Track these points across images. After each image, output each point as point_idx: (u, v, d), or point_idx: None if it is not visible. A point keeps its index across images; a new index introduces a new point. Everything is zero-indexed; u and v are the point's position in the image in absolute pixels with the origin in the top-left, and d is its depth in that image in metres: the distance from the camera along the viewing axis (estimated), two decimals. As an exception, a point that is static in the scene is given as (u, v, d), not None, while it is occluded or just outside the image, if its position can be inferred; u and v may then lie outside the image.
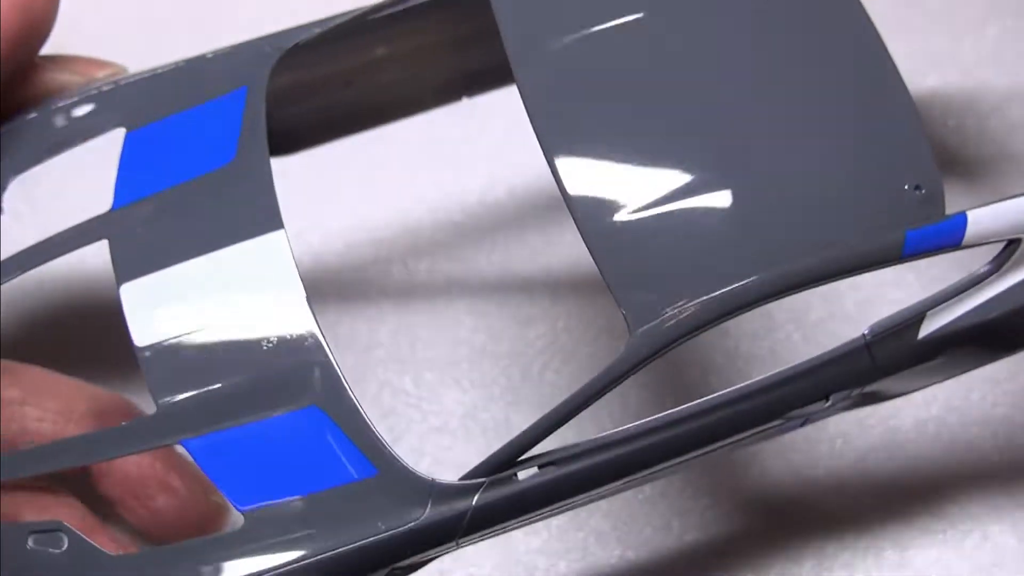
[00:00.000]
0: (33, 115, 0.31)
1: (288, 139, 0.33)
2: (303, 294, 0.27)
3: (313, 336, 0.26)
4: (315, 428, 0.26)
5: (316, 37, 0.31)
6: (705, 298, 0.26)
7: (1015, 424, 0.37)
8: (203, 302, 0.27)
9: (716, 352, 0.38)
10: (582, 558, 0.36)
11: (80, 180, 0.42)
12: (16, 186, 0.42)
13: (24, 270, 0.29)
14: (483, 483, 0.26)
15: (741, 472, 0.37)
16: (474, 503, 0.26)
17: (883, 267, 0.27)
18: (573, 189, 0.27)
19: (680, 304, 0.26)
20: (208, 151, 0.29)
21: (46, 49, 0.33)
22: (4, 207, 0.42)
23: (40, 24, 0.31)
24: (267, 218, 0.27)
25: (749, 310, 0.26)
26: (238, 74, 0.30)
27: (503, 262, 0.40)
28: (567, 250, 0.40)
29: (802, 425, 0.29)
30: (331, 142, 0.36)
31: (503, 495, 0.26)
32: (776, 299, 0.26)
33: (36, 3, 0.31)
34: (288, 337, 0.26)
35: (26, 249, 0.29)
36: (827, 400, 0.28)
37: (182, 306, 0.27)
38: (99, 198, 0.41)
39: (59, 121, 0.31)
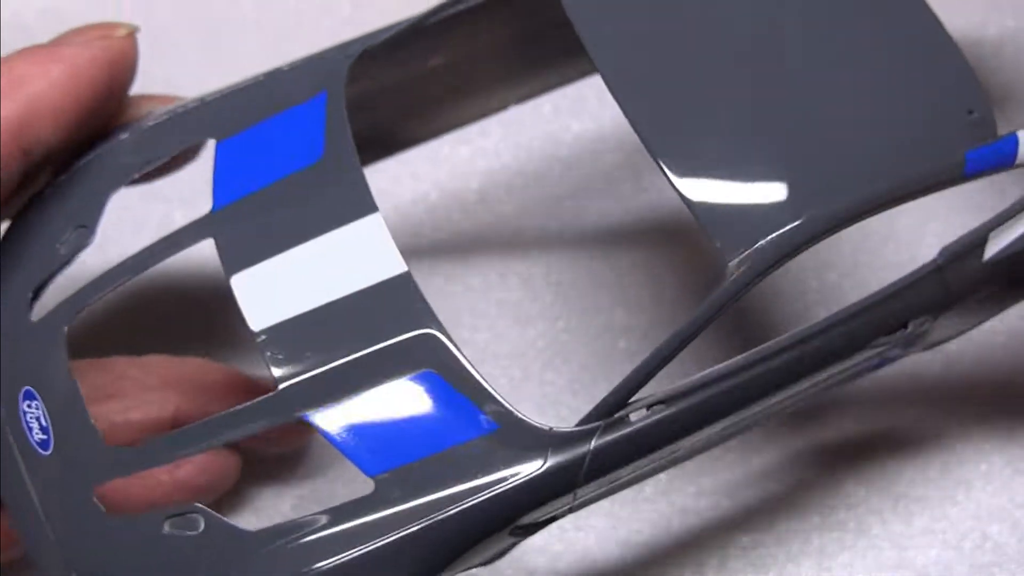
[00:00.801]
0: (125, 136, 0.32)
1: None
2: (405, 267, 0.28)
3: (421, 303, 0.28)
4: (432, 390, 0.27)
5: (380, 44, 0.32)
6: (792, 225, 0.28)
7: (1015, 424, 0.37)
8: (312, 284, 0.28)
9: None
10: (582, 558, 0.36)
11: (80, 180, 0.42)
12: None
13: (136, 273, 0.30)
14: (599, 427, 0.27)
15: (741, 472, 0.37)
16: (591, 447, 0.27)
17: (949, 186, 0.29)
18: (658, 144, 0.28)
19: (771, 232, 0.28)
20: (297, 151, 0.30)
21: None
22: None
23: (125, 74, 0.32)
24: (362, 203, 0.29)
25: (833, 233, 0.28)
26: (316, 81, 0.31)
27: (502, 262, 0.40)
28: (567, 250, 0.40)
29: (877, 367, 0.31)
30: (386, 158, 0.38)
31: (618, 437, 0.27)
32: (857, 221, 0.28)
33: (120, 57, 0.32)
34: (396, 308, 0.28)
35: (135, 254, 0.30)
36: (907, 327, 0.29)
37: (292, 290, 0.28)
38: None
39: (151, 137, 0.32)
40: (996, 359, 0.38)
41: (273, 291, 0.28)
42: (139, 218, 0.41)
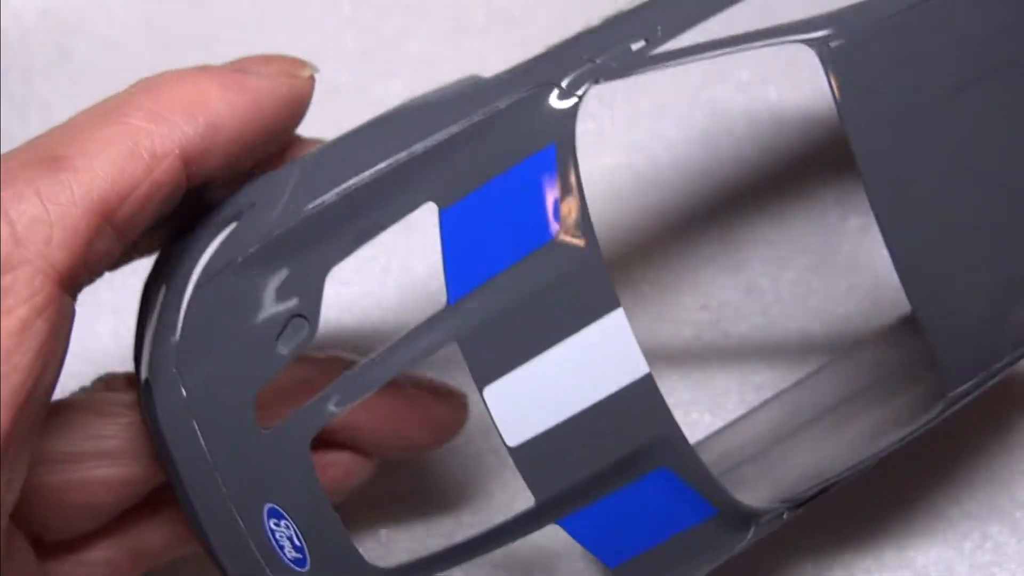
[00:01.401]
0: (332, 197, 0.27)
1: None
2: (647, 368, 0.26)
3: (661, 405, 0.27)
4: (666, 485, 0.27)
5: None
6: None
7: (1016, 424, 0.37)
8: (560, 393, 0.27)
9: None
10: (582, 558, 0.36)
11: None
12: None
13: (378, 385, 0.27)
14: (792, 504, 0.29)
15: (741, 472, 0.37)
16: (784, 518, 0.29)
17: None
18: (905, 261, 0.27)
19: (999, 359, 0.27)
20: (529, 224, 0.27)
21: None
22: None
23: (300, 117, 0.30)
24: (605, 297, 0.26)
25: None
26: (542, 128, 0.27)
27: (503, 262, 0.40)
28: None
29: None
30: None
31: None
32: None
33: (300, 98, 0.29)
34: (640, 412, 0.27)
35: (370, 363, 0.27)
36: None
37: (542, 401, 0.27)
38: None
39: (366, 197, 0.27)
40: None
41: (524, 403, 0.27)
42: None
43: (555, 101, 0.27)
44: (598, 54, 0.27)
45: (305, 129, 0.42)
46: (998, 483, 0.36)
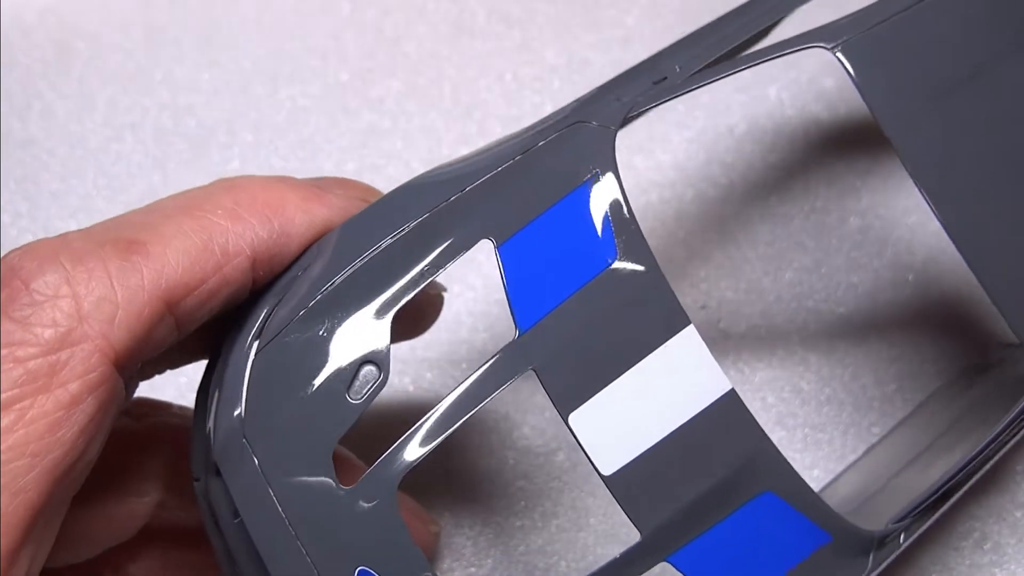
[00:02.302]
0: (389, 241, 0.27)
1: None
2: (729, 385, 0.26)
3: (752, 423, 0.26)
4: (773, 512, 0.26)
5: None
6: None
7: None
8: (646, 416, 0.26)
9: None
10: (582, 558, 0.36)
11: (80, 180, 0.42)
12: (16, 186, 0.42)
13: (458, 422, 0.26)
14: (909, 523, 0.29)
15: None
16: (901, 543, 0.29)
17: None
18: (960, 232, 0.27)
19: None
20: (587, 251, 0.27)
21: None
22: (4, 208, 0.42)
23: None
24: (675, 315, 0.26)
25: None
26: (583, 158, 0.27)
27: (503, 262, 0.40)
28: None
29: None
30: None
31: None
32: None
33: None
34: (731, 431, 0.26)
35: (453, 403, 0.26)
36: None
37: (628, 425, 0.26)
38: (97, 198, 0.42)
39: (419, 235, 0.27)
40: (996, 359, 0.38)
41: (610, 428, 0.26)
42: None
43: (592, 135, 0.27)
44: (624, 94, 0.28)
45: (305, 128, 0.42)
46: (998, 483, 0.36)
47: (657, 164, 0.41)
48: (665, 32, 0.43)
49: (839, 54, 0.26)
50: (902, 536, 0.28)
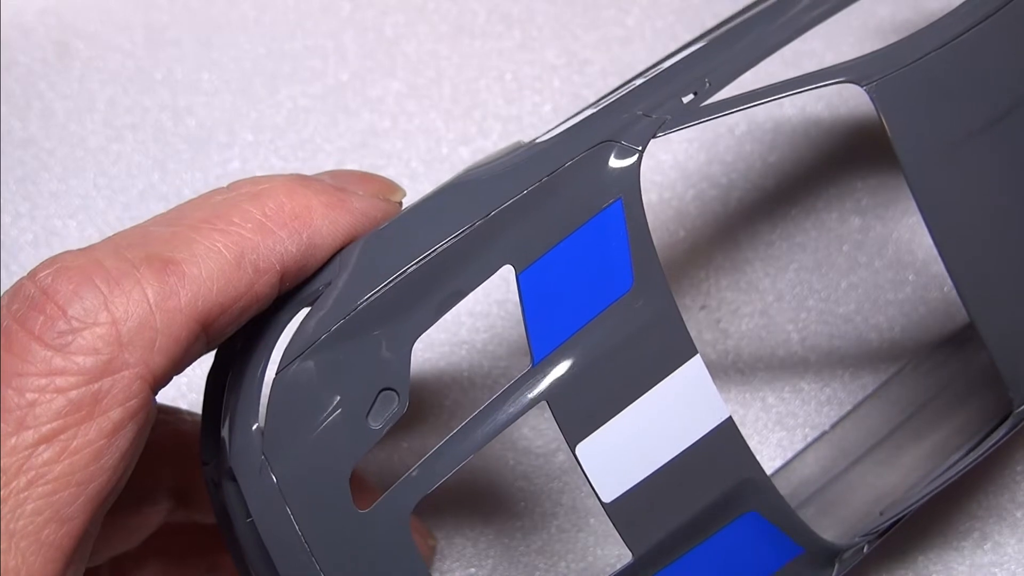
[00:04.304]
0: (416, 266, 0.27)
1: None
2: (728, 413, 0.27)
3: (744, 448, 0.27)
4: (755, 529, 0.27)
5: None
6: None
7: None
8: (649, 445, 0.27)
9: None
10: (582, 558, 0.36)
11: (80, 180, 0.42)
12: (16, 185, 0.42)
13: (474, 452, 0.26)
14: (871, 539, 0.29)
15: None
16: (864, 551, 0.29)
17: None
18: (966, 287, 0.27)
19: None
20: (604, 278, 0.27)
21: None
22: (4, 208, 0.42)
23: None
24: (684, 346, 0.27)
25: None
26: (608, 185, 0.27)
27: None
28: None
29: None
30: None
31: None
32: None
33: (387, 217, 0.29)
34: (725, 456, 0.27)
35: (465, 430, 0.26)
36: None
37: (631, 454, 0.27)
38: (97, 198, 0.42)
39: (448, 259, 0.27)
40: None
41: (614, 457, 0.27)
42: (137, 217, 0.41)
43: (617, 157, 0.27)
44: (652, 109, 0.28)
45: (305, 128, 0.42)
46: (998, 483, 0.36)
47: (657, 164, 0.41)
48: (665, 32, 0.43)
49: (871, 94, 0.27)
50: (865, 547, 0.29)
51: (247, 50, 0.44)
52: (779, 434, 0.37)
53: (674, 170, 0.41)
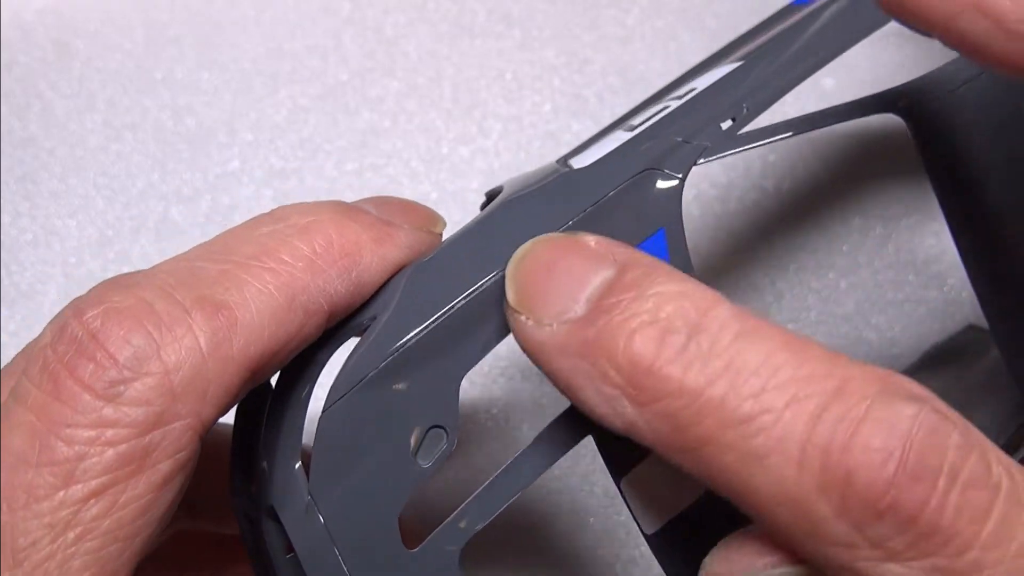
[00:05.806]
0: (463, 302, 0.26)
1: None
2: None
3: None
4: None
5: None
6: None
7: (1015, 424, 0.37)
8: (684, 478, 0.26)
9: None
10: (582, 558, 0.36)
11: (80, 180, 0.42)
12: (16, 185, 0.42)
13: (523, 488, 0.26)
14: None
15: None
16: None
17: None
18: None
19: None
20: None
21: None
22: (4, 208, 0.42)
23: None
24: None
25: None
26: (650, 213, 0.27)
27: (503, 262, 0.40)
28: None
29: None
30: None
31: None
32: None
33: (429, 249, 0.28)
34: None
35: (509, 470, 0.26)
36: None
37: (671, 485, 0.26)
38: (97, 198, 0.42)
39: (490, 299, 0.26)
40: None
41: (655, 488, 0.26)
42: (136, 216, 0.41)
43: (659, 185, 0.27)
44: (692, 135, 0.27)
45: (305, 127, 0.42)
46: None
47: (657, 164, 0.41)
48: (665, 32, 0.43)
49: (910, 124, 0.27)
50: None
51: (247, 50, 0.44)
52: (779, 434, 0.37)
53: (674, 170, 0.41)
